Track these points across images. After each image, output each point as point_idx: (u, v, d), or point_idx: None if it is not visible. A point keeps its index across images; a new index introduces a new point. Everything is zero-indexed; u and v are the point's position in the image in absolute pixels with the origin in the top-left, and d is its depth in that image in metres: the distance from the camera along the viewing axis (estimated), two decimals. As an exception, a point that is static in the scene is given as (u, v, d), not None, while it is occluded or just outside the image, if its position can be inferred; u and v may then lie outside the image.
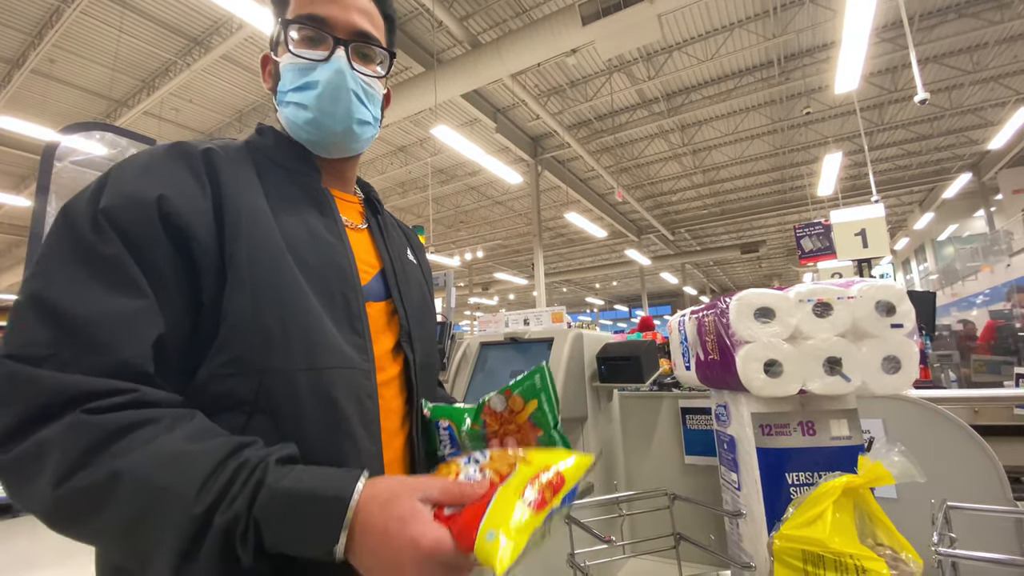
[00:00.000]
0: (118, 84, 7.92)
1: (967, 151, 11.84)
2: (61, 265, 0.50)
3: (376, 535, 0.45)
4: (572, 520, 0.95)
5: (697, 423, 1.44)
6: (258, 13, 4.89)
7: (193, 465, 0.45)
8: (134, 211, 0.53)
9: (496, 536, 0.45)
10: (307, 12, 0.68)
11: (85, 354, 0.46)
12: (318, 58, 0.68)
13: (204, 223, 0.56)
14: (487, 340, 1.58)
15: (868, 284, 0.86)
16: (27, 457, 0.44)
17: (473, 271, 20.60)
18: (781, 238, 18.24)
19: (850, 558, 0.71)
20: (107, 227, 0.51)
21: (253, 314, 0.55)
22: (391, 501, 0.47)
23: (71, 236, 0.51)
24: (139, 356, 0.49)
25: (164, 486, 0.44)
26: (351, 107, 0.70)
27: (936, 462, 1.07)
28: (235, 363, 0.54)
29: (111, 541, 0.46)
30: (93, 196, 0.53)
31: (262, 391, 0.55)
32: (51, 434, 0.44)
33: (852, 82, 5.53)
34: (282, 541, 0.45)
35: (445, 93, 6.74)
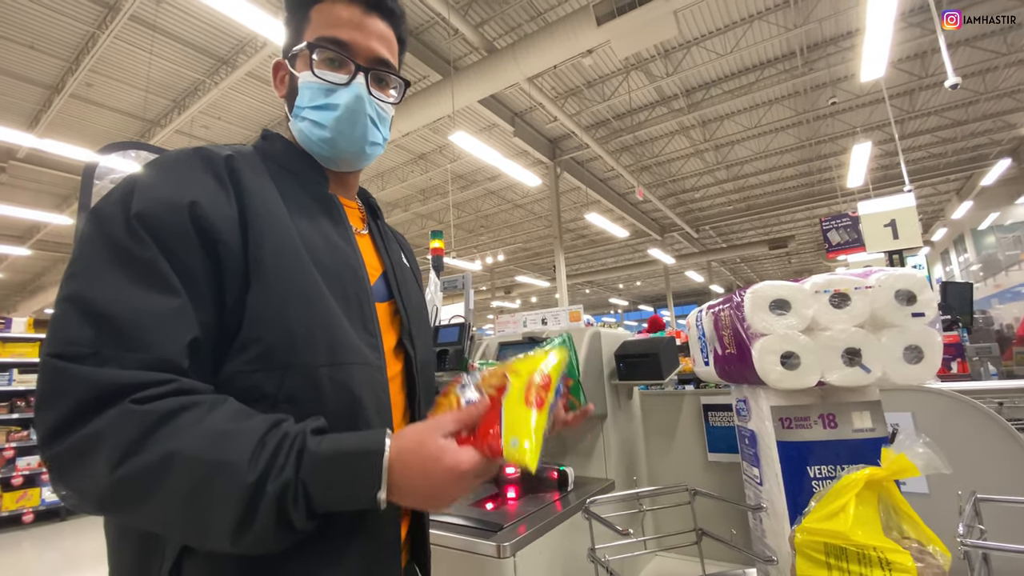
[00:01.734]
0: (151, 105, 8.25)
1: (1005, 136, 11.31)
2: (98, 266, 0.52)
3: (416, 475, 0.53)
4: (592, 515, 0.96)
5: (720, 420, 1.43)
6: (280, 31, 5.04)
7: (240, 440, 0.49)
8: (167, 215, 0.55)
9: (519, 441, 0.55)
10: (331, 35, 0.70)
11: (125, 351, 0.49)
12: (339, 81, 0.71)
13: (231, 227, 0.59)
14: (506, 340, 1.60)
15: (886, 273, 0.84)
16: (81, 447, 0.47)
17: (495, 275, 20.66)
18: (811, 232, 17.73)
19: (873, 551, 0.70)
20: (141, 230, 0.54)
21: (278, 313, 0.58)
22: (420, 444, 0.54)
23: (106, 239, 0.54)
24: (175, 353, 0.52)
25: (217, 460, 0.48)
26: (366, 131, 0.73)
27: (968, 455, 1.04)
28: (260, 359, 0.57)
29: (168, 518, 0.48)
30: (124, 200, 0.56)
31: (286, 385, 0.58)
32: (102, 424, 0.46)
33: (879, 69, 5.36)
34: (330, 498, 0.51)
35: (463, 100, 6.81)
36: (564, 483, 1.27)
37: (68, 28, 6.52)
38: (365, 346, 0.66)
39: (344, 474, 0.51)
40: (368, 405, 0.63)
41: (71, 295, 0.51)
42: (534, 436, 0.56)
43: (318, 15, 0.71)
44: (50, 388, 0.48)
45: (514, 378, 0.61)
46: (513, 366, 0.64)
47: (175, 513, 0.48)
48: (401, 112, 7.34)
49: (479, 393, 0.62)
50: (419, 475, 0.53)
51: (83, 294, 0.51)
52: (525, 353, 0.69)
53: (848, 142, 10.16)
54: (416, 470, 0.53)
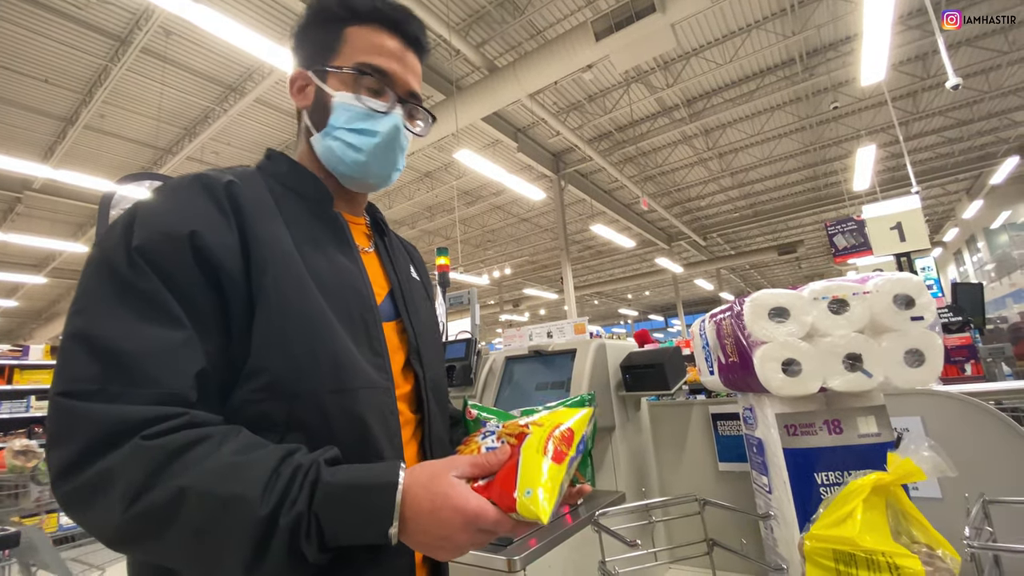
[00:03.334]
0: (163, 133, 8.46)
1: (1012, 133, 11.22)
2: (102, 302, 0.52)
3: (424, 513, 0.51)
4: (601, 527, 0.96)
5: (729, 429, 1.42)
6: (286, 58, 5.19)
7: (252, 473, 0.49)
8: (167, 246, 0.55)
9: (533, 492, 0.52)
10: (376, 64, 0.71)
11: (133, 387, 0.49)
12: (381, 109, 0.72)
13: (232, 256, 0.58)
14: (512, 354, 1.61)
15: (884, 278, 0.85)
16: (92, 486, 0.46)
17: (503, 288, 20.69)
18: (820, 237, 17.60)
19: (882, 556, 0.70)
20: (142, 263, 0.54)
21: (283, 342, 0.58)
22: (432, 480, 0.53)
23: (108, 273, 0.54)
24: (183, 386, 0.51)
25: (229, 495, 0.47)
26: (396, 160, 0.76)
27: (980, 458, 1.03)
28: (267, 388, 0.57)
29: (181, 554, 0.48)
30: (124, 233, 0.55)
31: (294, 413, 0.58)
32: (113, 462, 0.46)
33: (879, 73, 5.38)
34: (341, 532, 0.50)
35: (466, 118, 6.92)
36: (574, 496, 1.27)
37: (81, 62, 6.74)
38: (372, 368, 0.66)
39: (357, 508, 0.50)
40: (376, 429, 0.64)
41: (76, 332, 0.51)
42: (548, 487, 0.52)
43: (358, 38, 0.72)
44: (59, 427, 0.48)
45: (536, 429, 0.60)
46: (538, 419, 0.62)
47: (189, 549, 0.47)
48: (406, 132, 7.44)
49: (500, 443, 0.60)
50: (427, 512, 0.51)
51: (88, 331, 0.51)
52: (549, 406, 0.69)
53: (853, 145, 10.15)
54: (424, 506, 0.51)
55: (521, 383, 1.53)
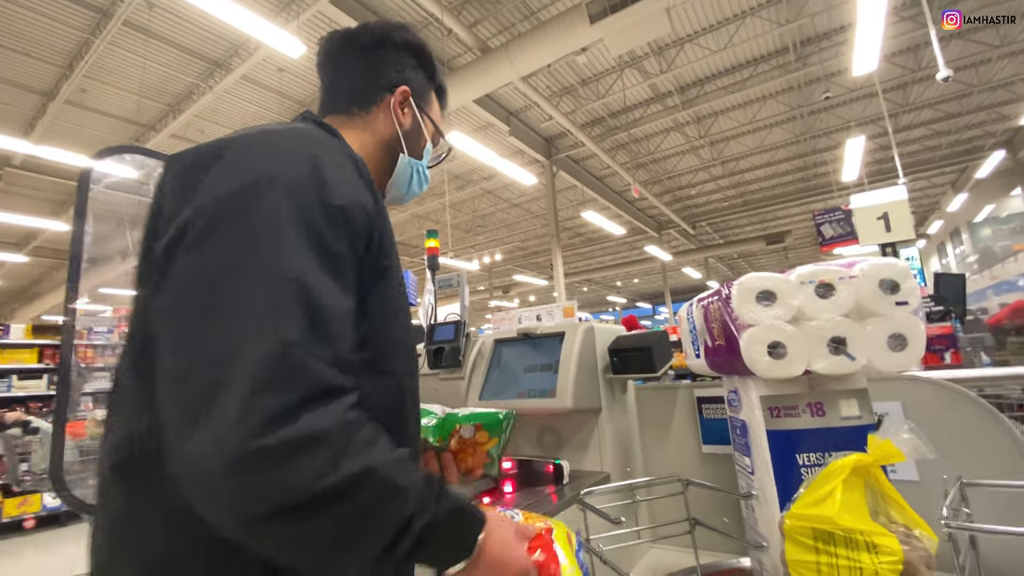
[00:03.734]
0: (145, 109, 8.24)
1: (999, 128, 11.35)
2: (305, 251, 0.50)
3: (492, 555, 0.55)
4: (586, 506, 0.97)
5: (713, 412, 1.44)
6: (274, 33, 5.05)
7: (415, 472, 0.51)
8: (359, 215, 0.57)
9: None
10: (445, 133, 0.92)
11: (323, 345, 0.48)
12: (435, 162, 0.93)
13: (377, 237, 0.61)
14: (501, 337, 1.61)
15: (870, 263, 0.86)
16: (301, 441, 0.43)
17: (493, 274, 20.67)
18: (807, 227, 17.75)
19: (860, 534, 0.71)
20: (340, 225, 0.54)
21: (385, 323, 0.62)
22: (498, 527, 0.57)
23: (306, 224, 0.51)
24: (350, 351, 0.53)
25: (403, 486, 0.48)
26: None
27: (957, 441, 1.06)
28: (366, 362, 0.58)
29: (326, 536, 0.45)
30: (318, 190, 0.54)
31: (378, 388, 0.59)
32: (328, 424, 0.45)
33: (871, 63, 5.39)
34: (437, 548, 0.52)
35: (457, 100, 6.82)
36: (560, 476, 1.28)
37: (62, 34, 6.51)
38: (414, 357, 0.71)
39: (456, 532, 0.53)
40: (412, 410, 0.69)
41: (297, 277, 0.49)
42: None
43: (436, 105, 0.92)
44: (277, 374, 0.44)
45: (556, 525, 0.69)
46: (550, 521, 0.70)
47: (340, 531, 0.45)
48: (396, 113, 7.33)
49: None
50: (495, 554, 0.55)
51: (304, 278, 0.49)
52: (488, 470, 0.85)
53: (842, 136, 10.19)
54: (493, 547, 0.55)
55: (510, 365, 1.53)
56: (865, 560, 0.69)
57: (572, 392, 1.30)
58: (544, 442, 1.49)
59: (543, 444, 1.50)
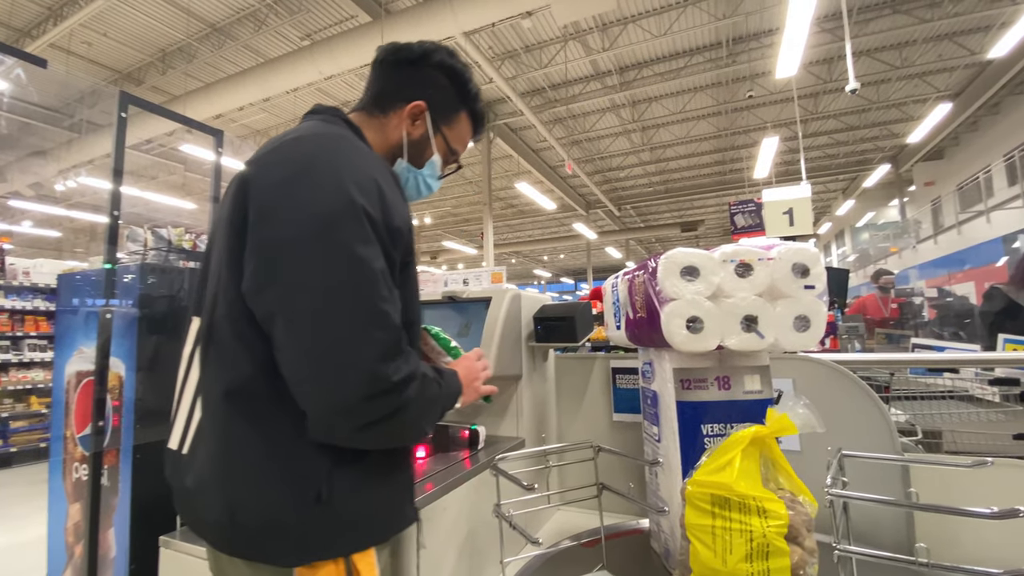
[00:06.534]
0: (19, 10, 6.95)
1: (888, 143, 12.74)
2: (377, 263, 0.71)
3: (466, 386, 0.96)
4: (499, 471, 0.96)
5: (626, 383, 1.49)
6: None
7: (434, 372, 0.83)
8: (405, 231, 0.78)
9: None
10: (460, 152, 1.02)
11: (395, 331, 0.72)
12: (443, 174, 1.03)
13: (408, 245, 0.80)
14: (425, 299, 1.55)
15: (786, 247, 0.89)
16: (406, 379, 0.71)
17: (421, 239, 20.19)
18: (719, 218, 19.07)
19: (753, 500, 0.76)
20: (398, 239, 0.76)
21: (407, 312, 0.78)
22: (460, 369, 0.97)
23: (380, 240, 0.72)
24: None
25: (435, 379, 0.82)
26: None
27: (837, 417, 1.17)
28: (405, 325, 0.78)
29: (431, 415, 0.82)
30: (384, 214, 0.74)
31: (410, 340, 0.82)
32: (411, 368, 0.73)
33: (792, 68, 5.75)
34: (451, 400, 0.88)
35: (393, 47, 6.40)
36: (475, 442, 1.27)
37: None
38: None
39: (452, 385, 0.89)
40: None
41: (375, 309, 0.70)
42: None
43: (464, 127, 1.00)
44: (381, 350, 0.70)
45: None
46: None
47: (431, 415, 0.82)
48: (323, 53, 6.77)
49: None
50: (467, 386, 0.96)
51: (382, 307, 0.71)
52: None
53: (759, 135, 10.91)
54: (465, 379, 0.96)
55: (430, 328, 1.48)
56: (755, 524, 0.74)
57: (495, 359, 1.27)
58: (461, 409, 1.47)
59: (460, 409, 1.47)
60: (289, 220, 0.70)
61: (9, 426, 5.46)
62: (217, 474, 0.74)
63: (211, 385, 0.77)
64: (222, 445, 0.74)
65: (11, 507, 4.21)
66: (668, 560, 1.00)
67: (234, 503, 0.71)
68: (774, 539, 0.73)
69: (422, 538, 0.91)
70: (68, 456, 1.81)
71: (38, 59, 1.52)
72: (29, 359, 5.64)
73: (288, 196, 0.71)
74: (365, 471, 0.76)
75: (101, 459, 1.59)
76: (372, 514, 0.76)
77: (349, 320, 0.68)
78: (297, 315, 0.68)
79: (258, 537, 0.71)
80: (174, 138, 10.28)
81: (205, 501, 0.75)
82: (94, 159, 10.19)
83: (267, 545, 0.71)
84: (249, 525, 0.70)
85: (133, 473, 1.54)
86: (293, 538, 0.71)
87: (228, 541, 0.74)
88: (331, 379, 0.67)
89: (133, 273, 1.66)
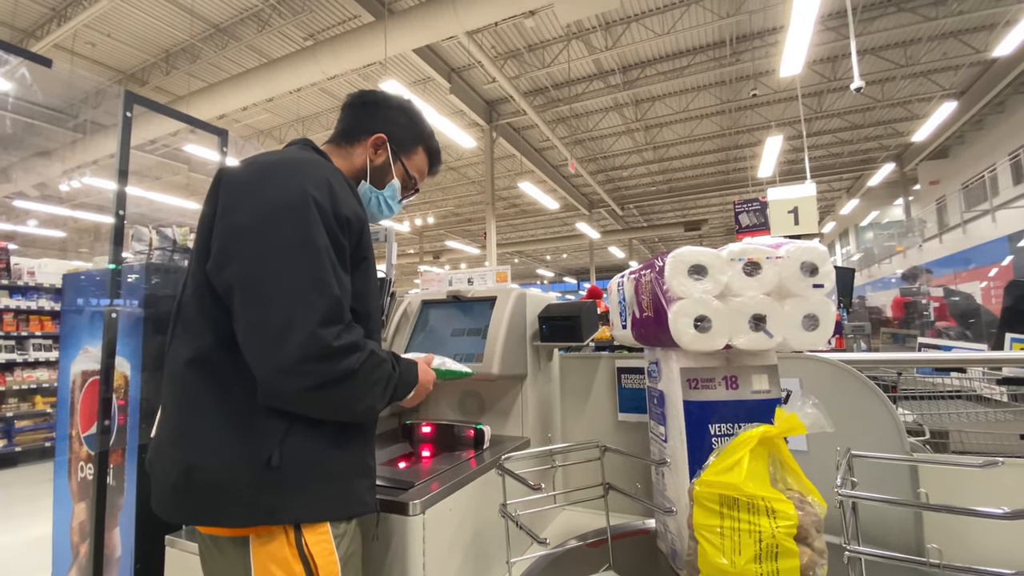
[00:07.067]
0: (23, 11, 6.97)
1: (893, 142, 12.67)
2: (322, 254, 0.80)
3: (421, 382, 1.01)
4: (505, 471, 0.96)
5: (632, 382, 1.48)
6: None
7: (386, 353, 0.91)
8: (355, 221, 0.87)
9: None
10: (418, 180, 1.15)
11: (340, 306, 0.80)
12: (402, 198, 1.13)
13: (360, 236, 0.90)
14: (429, 298, 1.55)
15: (795, 245, 0.89)
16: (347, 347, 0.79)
17: (424, 238, 20.19)
18: (722, 218, 19.01)
19: (762, 500, 0.75)
20: (346, 227, 0.85)
21: (362, 300, 0.89)
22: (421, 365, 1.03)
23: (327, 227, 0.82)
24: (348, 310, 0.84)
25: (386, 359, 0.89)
26: None
27: (845, 417, 1.16)
28: (357, 314, 0.87)
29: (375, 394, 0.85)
30: (333, 204, 0.84)
31: (368, 331, 0.91)
32: (354, 338, 0.81)
33: (796, 66, 5.72)
34: (402, 388, 0.93)
35: (396, 46, 6.40)
36: (480, 441, 1.26)
37: None
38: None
39: (408, 374, 0.96)
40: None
41: (316, 277, 0.78)
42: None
43: (421, 159, 1.14)
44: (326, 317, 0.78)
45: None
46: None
47: (377, 391, 0.85)
48: (327, 53, 6.77)
49: None
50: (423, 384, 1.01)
51: (321, 276, 0.79)
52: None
53: (763, 134, 10.87)
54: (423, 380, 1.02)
55: (436, 328, 1.47)
56: (764, 524, 0.73)
57: (500, 358, 1.27)
58: (466, 407, 1.47)
59: (465, 409, 1.47)
60: (248, 209, 0.80)
61: (14, 425, 5.48)
62: (175, 437, 0.80)
63: (174, 359, 0.84)
64: (181, 410, 0.80)
65: (16, 506, 4.23)
66: (675, 560, 1.00)
67: (191, 464, 0.76)
68: (783, 540, 0.72)
69: (378, 531, 0.93)
70: (73, 455, 1.81)
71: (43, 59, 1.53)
72: (34, 359, 5.65)
73: (250, 191, 0.82)
74: (318, 445, 0.81)
75: (107, 458, 1.60)
76: (322, 487, 0.80)
77: (291, 287, 0.76)
78: (249, 286, 0.77)
79: (211, 497, 0.75)
80: (178, 138, 10.31)
81: (164, 465, 0.80)
82: (98, 159, 10.23)
83: (219, 506, 0.76)
84: (204, 484, 0.75)
85: (139, 472, 1.54)
86: (244, 501, 0.75)
87: (184, 505, 0.77)
88: (274, 340, 0.74)
89: (138, 273, 1.66)
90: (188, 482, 0.75)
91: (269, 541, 0.76)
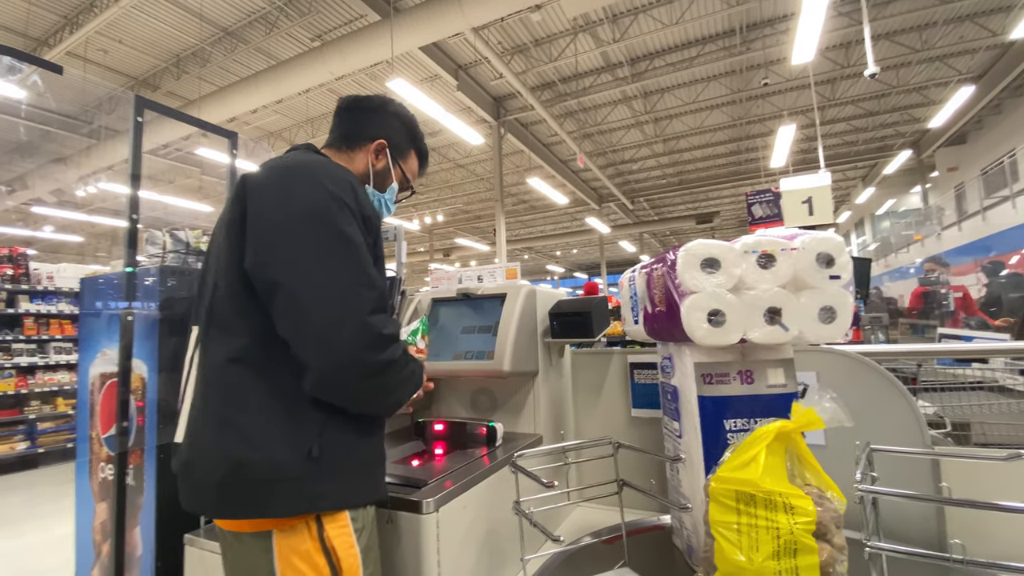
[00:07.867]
0: (36, 20, 7.09)
1: (909, 129, 12.40)
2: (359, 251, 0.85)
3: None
4: (518, 468, 0.95)
5: (644, 378, 1.47)
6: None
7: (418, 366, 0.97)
8: (374, 220, 0.93)
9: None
10: (413, 182, 1.19)
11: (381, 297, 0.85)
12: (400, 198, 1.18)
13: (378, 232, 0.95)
14: (439, 296, 1.55)
15: (810, 236, 0.87)
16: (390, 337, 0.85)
17: (434, 236, 20.24)
18: (734, 209, 18.78)
19: (779, 496, 0.74)
20: (371, 225, 0.91)
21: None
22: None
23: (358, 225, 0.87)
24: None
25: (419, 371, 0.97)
26: None
27: (864, 410, 1.13)
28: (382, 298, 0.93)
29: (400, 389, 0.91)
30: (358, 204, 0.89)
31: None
32: (394, 329, 0.87)
33: (808, 53, 5.62)
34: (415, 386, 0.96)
35: (403, 45, 6.40)
36: (492, 439, 1.26)
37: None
38: None
39: (418, 373, 0.97)
40: None
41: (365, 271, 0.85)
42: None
43: (413, 161, 1.18)
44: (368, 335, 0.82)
45: None
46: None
47: (403, 387, 0.91)
48: (334, 53, 6.80)
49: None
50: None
51: (367, 270, 0.85)
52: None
53: (775, 124, 10.70)
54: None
55: (447, 326, 1.47)
56: (782, 520, 0.72)
57: (511, 355, 1.26)
58: (478, 404, 1.47)
59: (477, 406, 1.47)
60: (284, 209, 0.83)
61: (37, 427, 5.61)
62: (219, 434, 0.80)
63: (212, 359, 0.85)
64: (227, 407, 0.82)
65: (40, 506, 4.34)
66: (691, 557, 0.99)
67: (241, 460, 0.77)
68: (802, 536, 0.71)
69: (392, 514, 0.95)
70: (94, 456, 1.84)
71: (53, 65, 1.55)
72: (55, 362, 5.78)
73: (282, 192, 0.85)
74: (349, 436, 0.85)
75: (126, 459, 1.62)
76: (350, 475, 0.84)
77: (339, 282, 0.80)
78: (296, 283, 0.79)
79: (258, 490, 0.77)
80: (190, 142, 10.43)
81: (206, 464, 0.80)
82: (113, 164, 10.38)
83: (267, 498, 0.77)
84: (253, 479, 0.77)
85: (158, 472, 1.57)
86: (289, 492, 0.78)
87: (229, 501, 0.79)
88: (329, 333, 0.78)
89: (153, 276, 1.68)
90: (236, 477, 0.77)
91: (292, 535, 0.78)
